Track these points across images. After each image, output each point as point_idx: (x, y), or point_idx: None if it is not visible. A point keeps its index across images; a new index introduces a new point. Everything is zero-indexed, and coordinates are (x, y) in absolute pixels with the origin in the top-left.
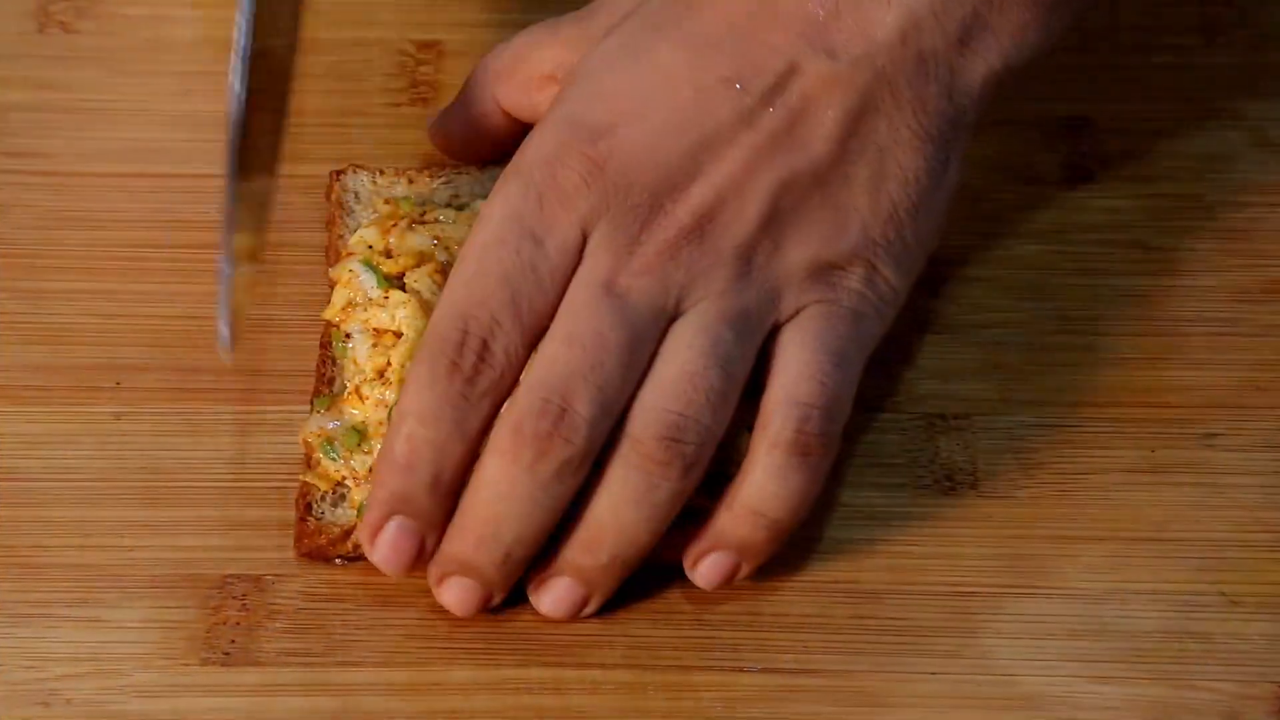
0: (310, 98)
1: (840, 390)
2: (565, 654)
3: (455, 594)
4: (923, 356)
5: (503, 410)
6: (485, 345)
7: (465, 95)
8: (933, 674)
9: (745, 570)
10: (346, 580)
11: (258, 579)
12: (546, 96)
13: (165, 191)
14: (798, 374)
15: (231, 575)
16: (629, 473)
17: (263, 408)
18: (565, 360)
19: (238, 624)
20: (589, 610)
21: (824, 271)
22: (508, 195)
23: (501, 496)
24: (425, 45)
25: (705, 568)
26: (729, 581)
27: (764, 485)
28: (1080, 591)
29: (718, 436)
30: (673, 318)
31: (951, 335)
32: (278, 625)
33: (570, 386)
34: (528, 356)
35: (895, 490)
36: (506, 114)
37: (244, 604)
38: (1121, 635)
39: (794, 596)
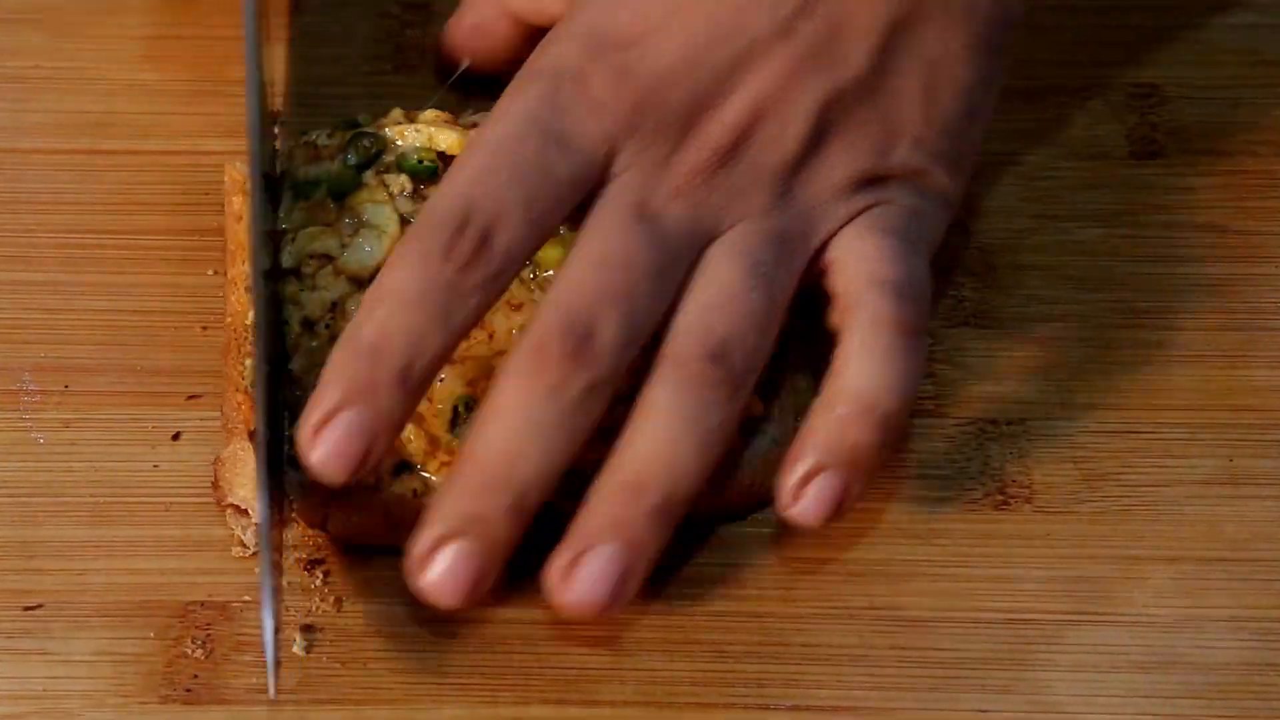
0: (284, 63)
1: (918, 270)
2: (570, 690)
3: (448, 566)
4: (972, 354)
5: (520, 335)
6: (486, 237)
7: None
8: (984, 711)
9: (855, 493)
10: (323, 608)
11: (223, 606)
12: None
13: (119, 170)
14: (870, 257)
15: (194, 602)
16: (676, 395)
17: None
18: (593, 283)
19: (201, 657)
20: (632, 588)
21: (873, 182)
22: (528, 96)
23: (520, 428)
24: (413, 6)
25: (812, 497)
26: (840, 513)
27: (871, 373)
28: (1149, 619)
29: (762, 360)
30: (708, 241)
31: (1004, 330)
32: (246, 659)
33: (597, 310)
34: (524, 263)
35: (941, 505)
36: (514, 18)
37: (208, 635)
38: (1196, 668)
39: (827, 625)
